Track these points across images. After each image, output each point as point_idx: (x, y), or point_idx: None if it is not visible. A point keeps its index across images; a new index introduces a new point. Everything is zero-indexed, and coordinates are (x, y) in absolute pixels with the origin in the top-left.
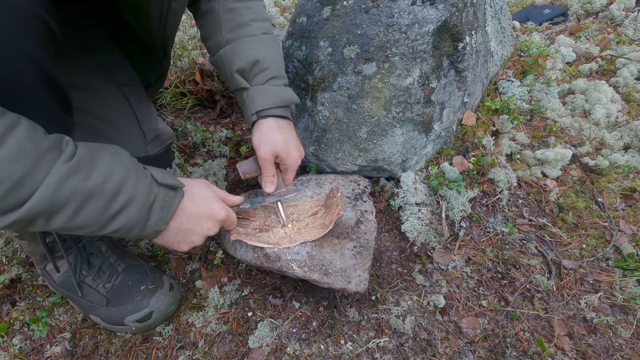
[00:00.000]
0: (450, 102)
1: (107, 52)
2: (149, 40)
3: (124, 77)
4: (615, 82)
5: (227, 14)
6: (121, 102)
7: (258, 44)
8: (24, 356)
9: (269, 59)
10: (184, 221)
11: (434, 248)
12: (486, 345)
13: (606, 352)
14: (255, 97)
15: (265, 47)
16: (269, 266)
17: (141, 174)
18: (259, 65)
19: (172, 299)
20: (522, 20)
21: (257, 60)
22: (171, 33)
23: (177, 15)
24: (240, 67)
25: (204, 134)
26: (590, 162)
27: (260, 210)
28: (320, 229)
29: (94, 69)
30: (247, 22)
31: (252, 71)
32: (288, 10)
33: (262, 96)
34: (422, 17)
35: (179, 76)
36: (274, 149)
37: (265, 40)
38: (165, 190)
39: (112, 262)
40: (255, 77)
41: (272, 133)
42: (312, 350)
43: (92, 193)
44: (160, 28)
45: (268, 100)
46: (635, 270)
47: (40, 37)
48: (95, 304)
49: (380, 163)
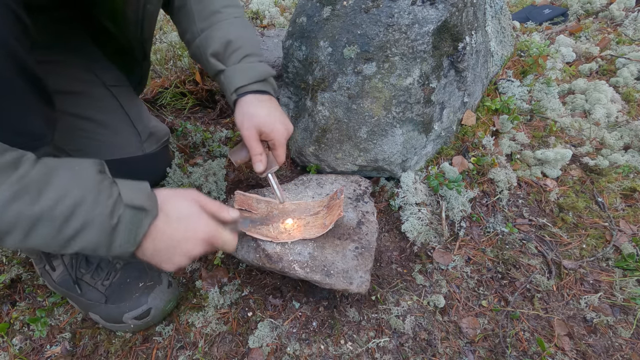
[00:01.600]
0: (450, 102)
1: (90, 54)
2: (127, 43)
3: (110, 78)
4: (615, 82)
5: (198, 5)
6: (111, 102)
7: (230, 26)
8: (24, 356)
9: (240, 38)
10: (158, 242)
11: (434, 248)
12: (486, 345)
13: (606, 352)
14: (232, 76)
15: (236, 28)
16: (271, 267)
17: (104, 195)
18: (232, 45)
19: (170, 296)
20: (522, 20)
21: (230, 41)
22: (149, 35)
23: (152, 17)
24: (214, 50)
25: (204, 134)
26: (590, 162)
27: (263, 205)
28: (320, 228)
29: (79, 72)
30: (219, 9)
31: (225, 52)
32: (288, 10)
33: (239, 74)
34: (422, 17)
35: (179, 76)
36: (256, 124)
37: (237, 22)
38: (133, 212)
39: (110, 260)
40: (230, 57)
41: (253, 109)
42: (312, 350)
43: (40, 218)
44: (137, 31)
45: (245, 76)
46: (635, 270)
47: (12, 26)
48: (94, 302)
49: (380, 163)
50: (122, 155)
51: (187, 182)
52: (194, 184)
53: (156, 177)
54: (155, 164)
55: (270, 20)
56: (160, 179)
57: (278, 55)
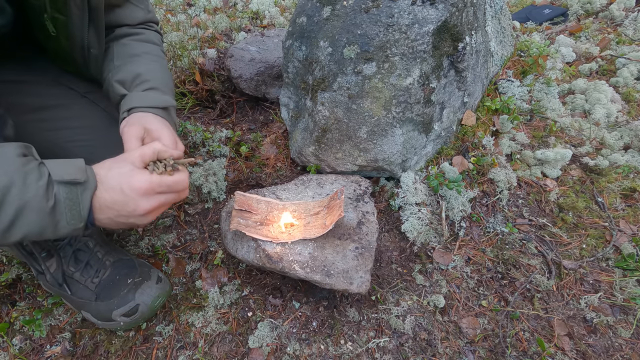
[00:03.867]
0: (450, 102)
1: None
2: (81, 75)
3: (83, 87)
4: (615, 82)
5: (120, 48)
6: (92, 109)
7: (143, 64)
8: (24, 356)
9: (151, 73)
10: (108, 211)
11: (434, 248)
12: (486, 345)
13: (606, 352)
14: (131, 100)
15: (149, 65)
16: (271, 267)
17: (32, 177)
18: (140, 78)
19: (159, 291)
20: (522, 20)
21: (139, 74)
22: (97, 72)
23: (97, 60)
24: (121, 78)
25: (204, 134)
26: (590, 162)
27: (263, 205)
28: (320, 228)
29: (50, 87)
30: (139, 53)
31: (133, 82)
32: (288, 10)
33: (138, 98)
34: (422, 17)
35: (179, 76)
36: (144, 123)
37: (152, 62)
38: (68, 188)
39: (100, 257)
40: (135, 87)
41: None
42: (312, 350)
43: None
44: (86, 69)
45: (144, 100)
46: (635, 270)
47: None
48: (85, 300)
49: (380, 163)
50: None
51: None
52: (194, 184)
53: None
54: None
55: (270, 20)
56: None
57: (278, 55)
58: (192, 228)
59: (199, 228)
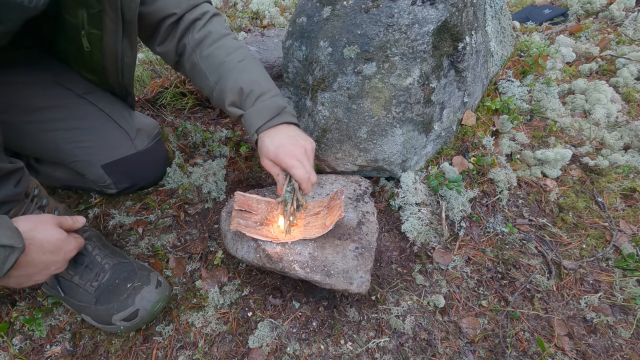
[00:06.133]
0: (450, 102)
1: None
2: (108, 87)
3: (81, 87)
4: (615, 82)
5: (205, 62)
6: (90, 108)
7: (237, 74)
8: (24, 356)
9: (250, 82)
10: (29, 269)
11: (434, 248)
12: (486, 345)
13: (606, 352)
14: (250, 119)
15: (243, 73)
16: (271, 267)
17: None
18: (244, 92)
19: (159, 296)
20: (522, 20)
21: (241, 88)
22: (129, 80)
23: (131, 67)
24: (231, 101)
25: (204, 134)
26: (590, 162)
27: (263, 205)
28: (320, 228)
29: (49, 88)
30: (223, 60)
31: (240, 99)
32: (288, 10)
33: (255, 116)
34: (422, 17)
35: (179, 76)
36: (265, 153)
37: (242, 67)
38: None
39: (99, 260)
40: (245, 102)
41: (263, 142)
42: (312, 350)
43: None
44: (118, 78)
45: (260, 117)
46: (635, 270)
47: None
48: (85, 304)
49: (380, 163)
50: (117, 157)
51: (187, 182)
52: (194, 184)
53: (155, 174)
54: (151, 160)
55: (270, 20)
56: (160, 176)
57: (278, 55)
58: (192, 228)
59: (199, 228)
